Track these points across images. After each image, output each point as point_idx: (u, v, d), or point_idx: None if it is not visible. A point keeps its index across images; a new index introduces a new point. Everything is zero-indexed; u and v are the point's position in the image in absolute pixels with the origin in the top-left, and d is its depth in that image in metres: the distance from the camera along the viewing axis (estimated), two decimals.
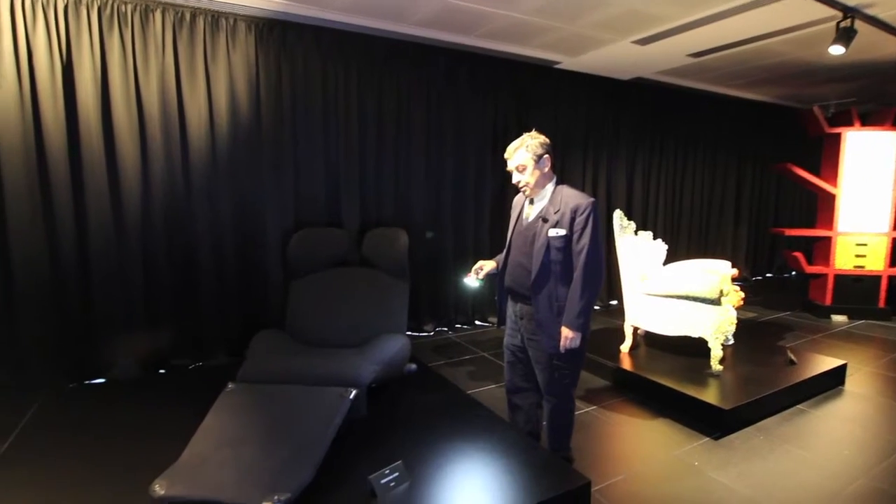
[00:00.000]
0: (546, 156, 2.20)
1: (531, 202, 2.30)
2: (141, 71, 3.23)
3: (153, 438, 2.36)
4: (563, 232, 2.14)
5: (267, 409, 2.28)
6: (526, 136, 2.22)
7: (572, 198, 2.18)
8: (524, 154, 2.18)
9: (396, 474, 1.98)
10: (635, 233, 3.86)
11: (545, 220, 2.19)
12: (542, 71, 4.87)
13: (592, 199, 2.17)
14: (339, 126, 3.97)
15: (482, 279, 2.43)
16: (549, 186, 2.25)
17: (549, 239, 2.16)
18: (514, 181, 2.25)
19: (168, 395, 2.94)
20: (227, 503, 1.74)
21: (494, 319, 4.96)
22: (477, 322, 4.94)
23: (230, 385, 2.46)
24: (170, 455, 2.00)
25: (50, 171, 3.05)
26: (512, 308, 2.39)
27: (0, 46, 2.85)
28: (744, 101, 6.46)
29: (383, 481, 1.94)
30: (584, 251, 2.10)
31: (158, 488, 1.80)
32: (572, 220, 2.14)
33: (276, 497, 1.71)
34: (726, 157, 6.74)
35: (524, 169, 2.20)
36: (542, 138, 2.22)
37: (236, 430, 2.14)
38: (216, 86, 3.46)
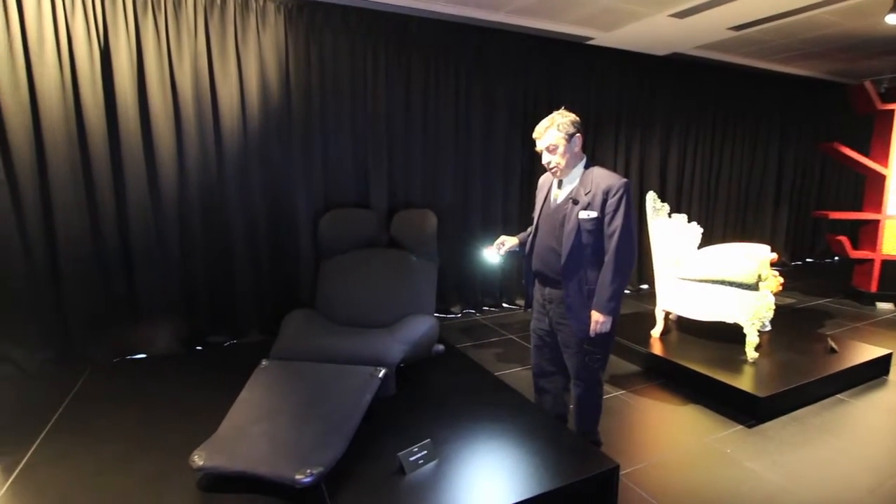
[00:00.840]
0: (577, 135, 2.14)
1: (560, 183, 2.24)
2: (175, 55, 3.28)
3: (192, 411, 2.47)
4: (594, 214, 2.09)
5: (299, 385, 2.34)
6: (556, 114, 2.15)
7: (604, 178, 2.11)
8: (555, 133, 2.12)
9: (425, 452, 2.01)
10: (669, 215, 3.75)
11: (575, 202, 2.13)
12: (574, 47, 4.73)
13: (626, 180, 2.11)
14: (368, 106, 3.96)
15: (503, 255, 2.38)
16: (580, 167, 2.19)
17: (579, 221, 2.11)
18: (543, 162, 2.19)
19: (205, 370, 3.06)
20: (263, 475, 1.80)
21: (522, 302, 4.94)
22: (504, 304, 4.93)
23: (264, 362, 2.53)
24: (208, 428, 2.09)
25: (91, 154, 3.15)
26: (539, 292, 2.36)
27: (42, 34, 2.94)
28: (787, 76, 6.13)
29: (412, 458, 1.97)
30: (617, 234, 2.05)
31: (198, 459, 1.87)
32: (604, 201, 2.08)
33: (308, 470, 1.77)
34: (767, 136, 6.44)
35: (555, 149, 2.13)
36: (573, 116, 2.15)
37: (270, 405, 2.21)
38: (247, 68, 3.49)
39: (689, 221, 3.77)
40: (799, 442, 2.65)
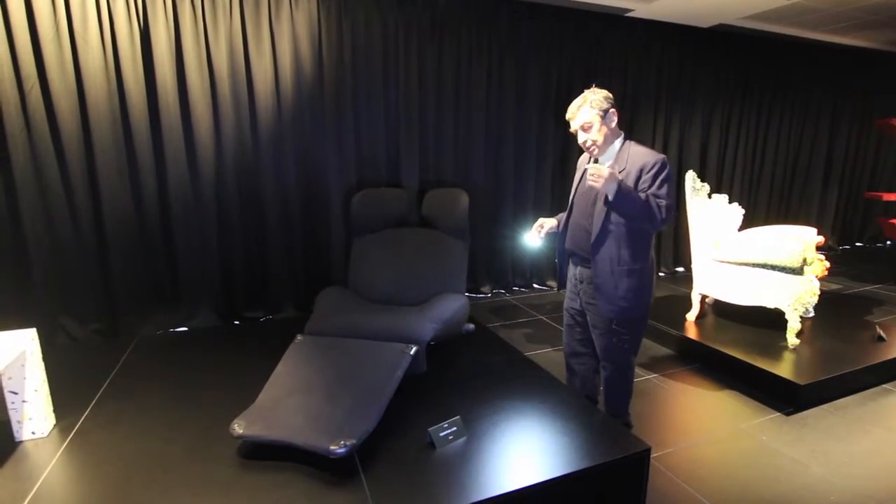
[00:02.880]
0: (612, 110, 2.08)
1: (595, 162, 2.18)
2: (211, 33, 3.32)
3: (231, 382, 2.56)
4: None
5: (333, 360, 2.39)
6: (587, 92, 2.09)
7: (640, 156, 2.04)
8: (588, 112, 2.06)
9: (455, 428, 2.04)
10: (709, 196, 3.62)
11: None
12: (612, 20, 4.55)
13: (662, 156, 2.03)
14: (400, 84, 3.93)
15: (543, 237, 2.34)
16: (616, 143, 2.12)
17: None
18: (580, 142, 2.14)
19: (243, 344, 3.16)
20: (299, 445, 1.86)
21: (553, 283, 4.90)
22: (535, 285, 4.90)
23: (299, 337, 2.60)
24: (246, 398, 2.17)
25: (133, 133, 3.25)
26: (572, 271, 2.33)
27: (85, 16, 3.02)
28: (842, 47, 5.76)
29: (442, 434, 2.01)
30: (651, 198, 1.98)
31: (238, 427, 1.95)
32: (638, 178, 2.01)
33: (342, 442, 1.82)
34: (818, 112, 6.09)
35: (590, 127, 2.07)
36: (605, 92, 2.09)
37: (305, 378, 2.27)
38: (280, 45, 3.51)
39: (730, 202, 3.63)
40: (840, 432, 2.56)
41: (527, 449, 1.99)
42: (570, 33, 4.45)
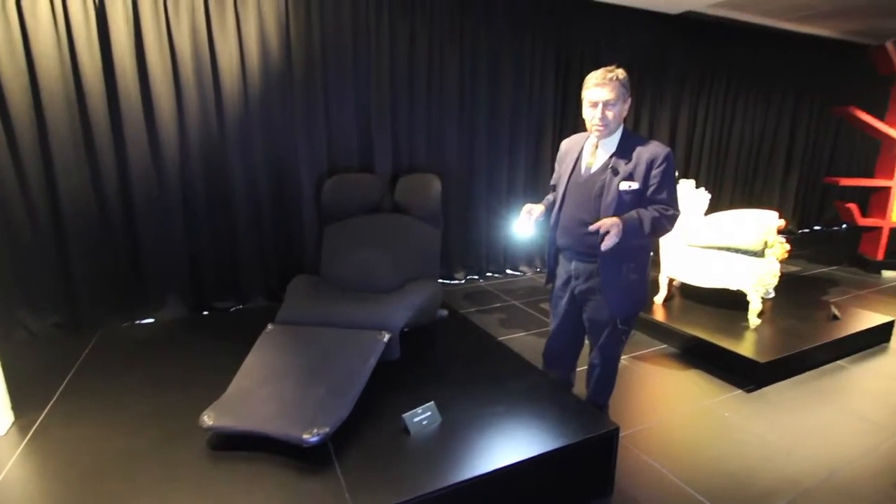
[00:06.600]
0: (629, 97, 2.03)
1: (594, 149, 2.08)
2: (171, 12, 3.17)
3: (200, 374, 2.51)
4: (636, 186, 1.95)
5: (305, 349, 2.36)
6: (613, 68, 1.97)
7: (647, 147, 1.96)
8: (619, 88, 1.93)
9: (429, 413, 2.05)
10: (677, 181, 3.69)
11: (615, 172, 1.97)
12: (583, 5, 4.55)
13: (669, 150, 1.98)
14: (371, 67, 3.85)
15: (535, 223, 2.17)
16: (619, 131, 2.03)
17: (619, 193, 1.96)
18: (592, 118, 1.97)
19: (212, 334, 3.09)
20: (271, 434, 1.84)
21: (526, 269, 4.95)
22: (508, 271, 4.94)
23: (270, 326, 2.56)
24: (216, 389, 2.13)
25: (90, 116, 3.09)
26: (564, 266, 2.22)
27: None
28: (805, 36, 5.91)
29: (416, 419, 2.01)
30: (663, 203, 1.96)
31: (207, 419, 1.92)
32: (648, 171, 1.94)
33: (315, 430, 1.81)
34: (781, 99, 6.28)
35: (613, 105, 1.94)
36: (625, 74, 1.99)
37: (277, 368, 2.24)
38: (246, 26, 3.38)
39: (696, 187, 3.72)
40: (798, 406, 2.69)
41: (500, 432, 2.02)
42: (541, 16, 4.42)
